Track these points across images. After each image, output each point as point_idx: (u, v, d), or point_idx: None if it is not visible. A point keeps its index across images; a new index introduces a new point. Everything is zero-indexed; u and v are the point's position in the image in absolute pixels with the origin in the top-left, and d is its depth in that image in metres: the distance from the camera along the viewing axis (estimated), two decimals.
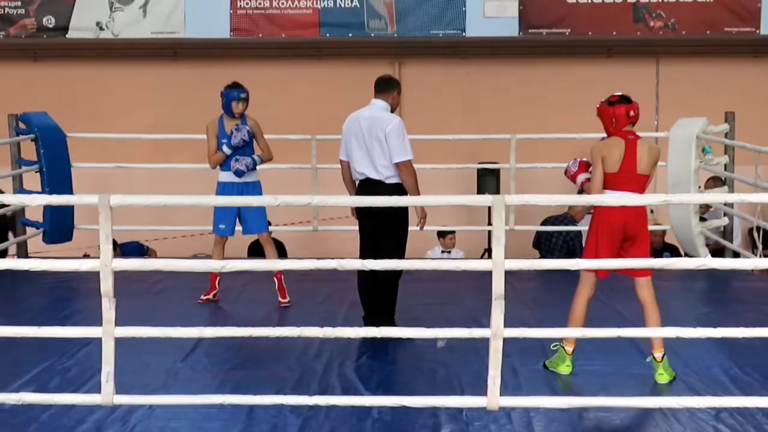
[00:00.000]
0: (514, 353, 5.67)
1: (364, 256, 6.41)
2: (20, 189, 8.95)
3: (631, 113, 5.57)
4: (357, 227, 6.61)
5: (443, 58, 11.73)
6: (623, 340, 5.71)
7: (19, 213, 9.08)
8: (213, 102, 11.20)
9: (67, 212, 9.03)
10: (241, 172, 7.12)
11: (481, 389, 4.61)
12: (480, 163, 10.44)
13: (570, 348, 5.67)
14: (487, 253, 10.69)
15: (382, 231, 6.40)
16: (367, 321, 6.42)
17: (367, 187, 6.42)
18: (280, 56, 11.56)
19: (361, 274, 6.48)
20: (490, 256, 4.50)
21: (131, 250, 10.54)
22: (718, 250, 9.18)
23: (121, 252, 10.24)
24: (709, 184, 9.77)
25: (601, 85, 8.41)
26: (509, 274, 4.46)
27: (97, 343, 4.60)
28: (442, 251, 10.43)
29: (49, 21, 11.06)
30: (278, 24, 11.06)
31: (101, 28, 11.04)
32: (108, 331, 4.49)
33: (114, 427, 4.84)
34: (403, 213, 6.42)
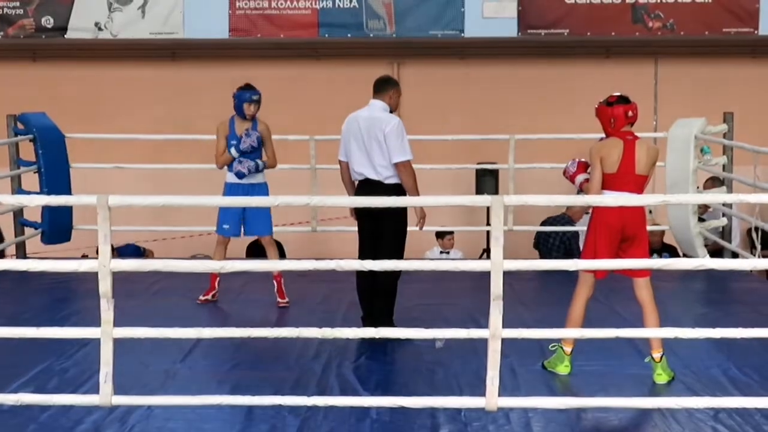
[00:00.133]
0: (513, 354, 5.67)
1: (363, 256, 6.41)
2: (19, 189, 8.95)
3: (630, 113, 5.57)
4: (356, 228, 6.61)
5: (442, 59, 11.73)
6: (622, 341, 5.72)
7: (18, 213, 9.08)
8: (212, 102, 11.28)
9: (66, 213, 9.02)
10: (242, 174, 7.11)
11: (480, 390, 4.61)
12: (479, 164, 10.43)
13: (568, 348, 5.67)
14: (486, 253, 10.69)
15: (381, 231, 6.40)
16: (366, 321, 6.42)
17: (366, 187, 6.42)
18: (278, 57, 11.56)
19: (360, 275, 6.48)
20: (488, 257, 4.50)
21: (128, 252, 10.53)
22: (716, 251, 9.19)
23: (118, 255, 10.23)
24: (708, 185, 9.77)
25: (600, 86, 8.41)
26: (508, 275, 4.46)
27: (95, 344, 4.59)
28: (441, 252, 10.43)
29: (48, 21, 11.05)
30: (277, 24, 11.06)
31: (100, 29, 11.04)
32: (106, 332, 4.49)
33: (112, 428, 4.83)
34: (402, 213, 6.41)
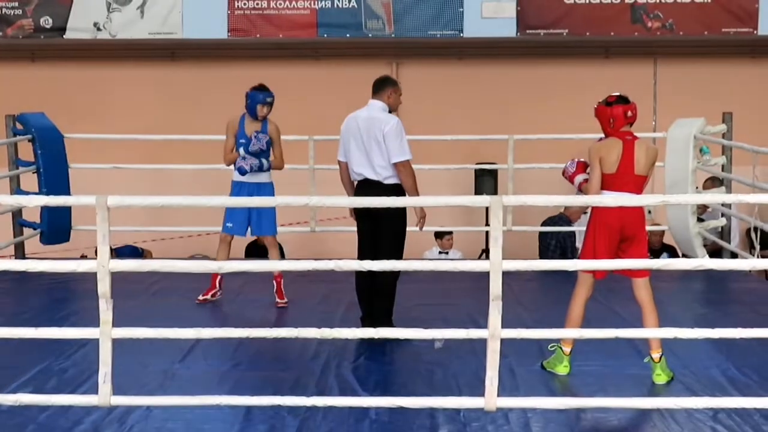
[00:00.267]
0: (512, 354, 5.67)
1: (362, 256, 6.41)
2: (17, 190, 8.95)
3: (629, 113, 5.57)
4: (355, 228, 6.61)
5: (441, 59, 11.74)
6: (621, 341, 5.72)
7: (17, 214, 9.07)
8: (211, 102, 11.31)
9: (65, 213, 9.02)
10: (243, 171, 7.09)
11: (479, 390, 4.60)
12: (478, 164, 10.43)
13: (567, 348, 5.66)
14: (485, 253, 10.69)
15: (381, 231, 6.40)
16: (365, 322, 6.42)
17: (366, 187, 6.42)
18: (277, 57, 11.56)
19: (359, 275, 6.48)
20: (487, 257, 4.50)
21: (126, 253, 10.52)
22: (715, 251, 9.19)
23: (116, 256, 10.19)
24: (707, 185, 9.77)
25: (599, 86, 8.41)
26: (507, 275, 4.46)
27: (94, 344, 4.59)
28: (440, 252, 10.43)
29: (47, 21, 11.05)
30: (276, 24, 11.06)
31: (99, 29, 11.04)
32: (105, 332, 4.49)
33: (111, 428, 4.83)
34: (401, 213, 6.41)
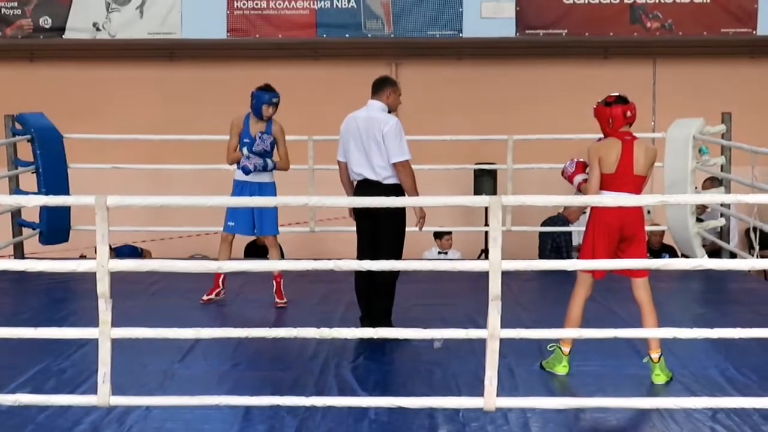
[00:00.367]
0: (511, 354, 5.67)
1: (361, 256, 6.41)
2: (17, 190, 8.94)
3: (628, 114, 5.57)
4: (354, 228, 6.61)
5: (440, 59, 11.73)
6: (620, 341, 5.72)
7: (16, 214, 9.07)
8: (210, 102, 11.31)
9: (64, 213, 9.02)
10: (247, 170, 7.09)
11: (478, 390, 4.60)
12: (477, 164, 10.43)
13: (567, 349, 5.67)
14: (484, 253, 10.69)
15: (380, 232, 6.41)
16: (364, 322, 6.42)
17: (365, 187, 6.42)
18: (276, 57, 11.55)
19: (359, 275, 6.48)
20: (486, 257, 4.50)
21: (125, 253, 10.52)
22: (714, 251, 9.19)
23: (115, 256, 10.20)
24: (706, 185, 9.78)
25: (598, 86, 8.40)
26: (506, 275, 4.46)
27: (93, 344, 4.59)
28: (439, 252, 10.43)
29: (46, 21, 11.04)
30: (275, 25, 11.06)
31: (98, 29, 11.03)
32: (104, 332, 4.49)
33: (110, 428, 4.83)
34: (400, 214, 6.42)
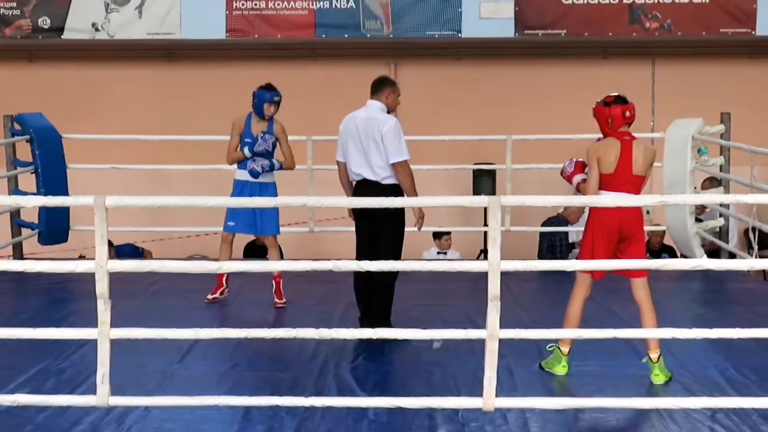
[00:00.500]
0: (510, 354, 5.67)
1: (360, 257, 6.41)
2: (15, 190, 8.94)
3: (627, 114, 5.57)
4: (353, 228, 6.61)
5: (439, 59, 11.74)
6: (619, 341, 5.71)
7: (15, 214, 9.07)
8: (209, 103, 11.31)
9: (63, 213, 9.02)
10: (256, 173, 7.09)
11: (477, 390, 4.60)
12: (476, 164, 10.44)
13: (566, 349, 5.67)
14: (483, 254, 10.69)
15: (379, 232, 6.41)
16: (363, 322, 6.42)
17: (364, 187, 6.42)
18: (275, 57, 11.56)
19: (358, 275, 6.48)
20: (485, 257, 4.50)
21: (126, 251, 10.53)
22: (714, 251, 9.19)
23: (116, 254, 10.23)
24: (705, 185, 9.78)
25: (597, 86, 8.42)
26: (505, 275, 4.46)
27: (92, 345, 4.58)
28: (438, 252, 10.44)
29: (45, 22, 11.04)
30: (274, 25, 11.06)
31: (97, 29, 11.03)
32: (103, 333, 4.49)
33: (109, 429, 4.83)
34: (399, 214, 6.42)
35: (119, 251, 10.33)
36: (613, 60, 11.67)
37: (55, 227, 9.00)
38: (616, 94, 5.64)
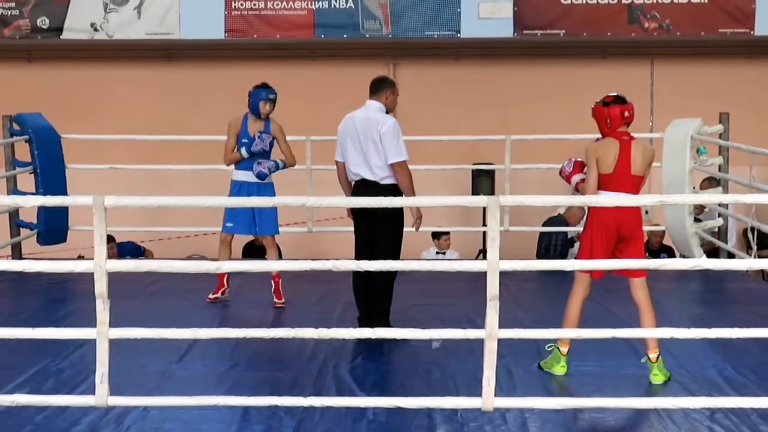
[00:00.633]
0: (509, 354, 5.67)
1: (359, 257, 6.41)
2: (14, 190, 8.94)
3: (626, 114, 5.57)
4: (352, 228, 6.61)
5: (438, 59, 11.74)
6: (618, 341, 5.72)
7: (14, 214, 9.07)
8: (207, 103, 11.31)
9: (62, 213, 9.01)
10: (263, 175, 7.09)
11: (476, 390, 4.60)
12: (475, 164, 10.44)
13: (565, 349, 5.67)
14: (482, 254, 10.69)
15: (378, 232, 6.41)
16: (362, 322, 6.42)
17: (362, 187, 6.42)
18: (274, 57, 11.56)
19: (356, 275, 6.48)
20: (484, 257, 4.50)
21: (127, 249, 10.53)
22: (712, 251, 9.19)
23: (117, 251, 10.25)
24: (704, 185, 9.78)
25: (596, 86, 8.43)
26: (504, 275, 4.46)
27: (91, 345, 4.58)
28: (437, 252, 10.44)
29: (44, 22, 11.04)
30: (273, 25, 11.06)
31: (95, 29, 11.03)
32: (102, 333, 4.49)
33: (108, 429, 4.83)
34: (398, 214, 6.42)
35: (120, 248, 10.35)
36: (612, 60, 11.67)
37: (54, 227, 8.99)
38: (615, 94, 5.64)
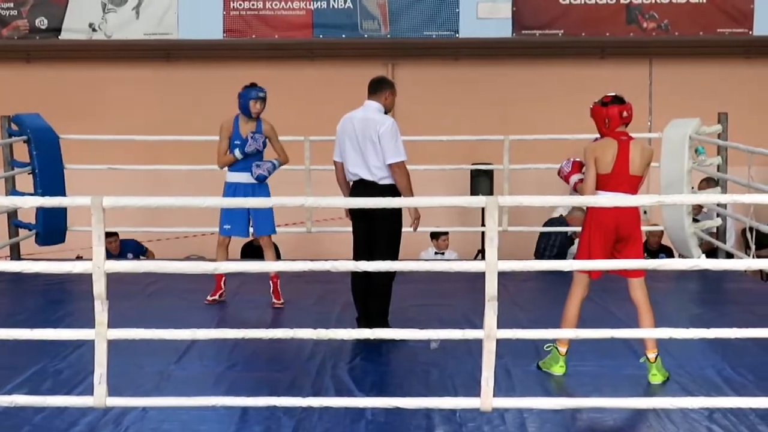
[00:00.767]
0: (508, 354, 5.67)
1: (357, 257, 6.41)
2: (13, 191, 8.93)
3: (624, 114, 5.57)
4: (351, 228, 6.61)
5: (437, 59, 11.74)
6: (616, 341, 5.72)
7: (12, 215, 9.06)
8: (206, 103, 11.31)
9: (60, 214, 9.01)
10: (263, 177, 7.09)
11: (475, 390, 4.60)
12: (473, 164, 10.44)
13: (563, 349, 5.67)
14: (481, 254, 10.69)
15: (376, 232, 6.41)
16: (361, 322, 6.42)
17: (361, 188, 6.42)
18: (273, 57, 11.56)
19: (355, 276, 6.48)
20: (483, 258, 4.50)
21: (129, 247, 10.54)
22: (711, 251, 9.20)
23: (120, 246, 10.27)
24: (703, 185, 9.78)
25: (595, 86, 8.41)
26: (502, 276, 4.46)
27: (89, 345, 4.58)
28: (436, 252, 10.43)
29: (42, 22, 11.04)
30: (271, 25, 11.06)
31: (94, 30, 11.03)
32: (101, 333, 4.48)
33: (107, 430, 4.82)
34: (396, 214, 6.42)
35: (123, 246, 10.36)
36: (611, 60, 11.67)
37: (52, 228, 8.99)
38: (614, 94, 5.64)
